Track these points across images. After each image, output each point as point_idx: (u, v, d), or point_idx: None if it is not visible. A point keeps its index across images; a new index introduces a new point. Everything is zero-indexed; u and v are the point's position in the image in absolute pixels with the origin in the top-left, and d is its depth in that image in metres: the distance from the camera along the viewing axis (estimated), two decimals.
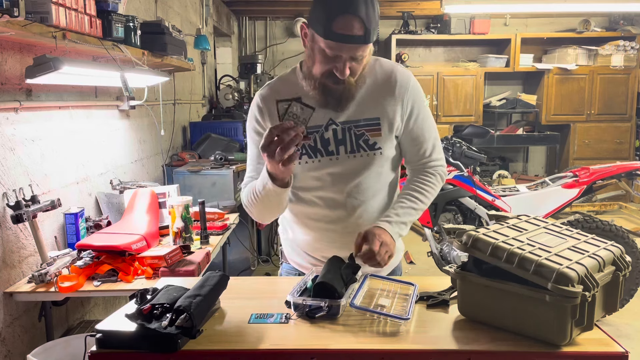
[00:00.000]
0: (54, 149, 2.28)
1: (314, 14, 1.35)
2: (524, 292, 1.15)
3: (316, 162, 1.49)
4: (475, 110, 6.51)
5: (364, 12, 1.30)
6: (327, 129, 1.47)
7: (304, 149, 1.48)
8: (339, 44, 1.31)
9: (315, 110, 1.32)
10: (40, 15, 1.77)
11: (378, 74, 1.50)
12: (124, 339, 1.17)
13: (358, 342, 1.18)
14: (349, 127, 1.47)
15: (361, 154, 1.48)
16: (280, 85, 1.53)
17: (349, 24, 1.29)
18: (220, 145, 4.16)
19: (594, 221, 3.37)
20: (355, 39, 1.31)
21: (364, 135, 1.47)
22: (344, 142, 1.47)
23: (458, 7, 5.55)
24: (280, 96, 1.38)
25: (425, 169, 1.57)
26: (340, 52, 1.33)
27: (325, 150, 1.48)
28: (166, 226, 2.43)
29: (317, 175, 1.50)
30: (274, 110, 1.34)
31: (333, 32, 1.30)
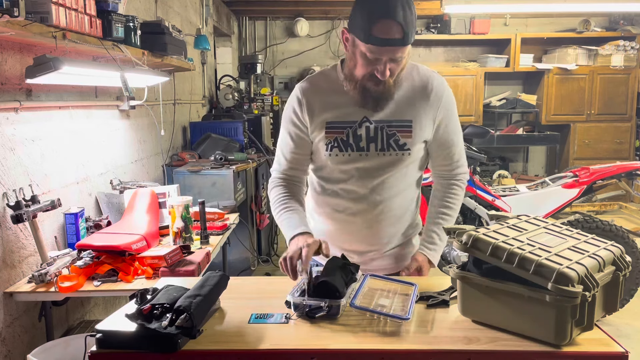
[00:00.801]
0: (54, 149, 2.28)
1: (354, 19, 1.41)
2: (524, 292, 1.15)
3: (346, 155, 1.55)
4: (475, 110, 6.51)
5: (401, 15, 1.35)
6: (361, 126, 1.54)
7: (335, 142, 1.54)
8: (379, 48, 1.38)
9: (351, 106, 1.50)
10: (40, 15, 1.77)
11: (415, 79, 1.57)
12: (124, 339, 1.17)
13: (358, 342, 1.18)
14: (381, 126, 1.53)
15: (390, 152, 1.54)
16: (321, 80, 1.61)
17: (388, 28, 1.35)
18: (220, 145, 4.16)
19: (594, 221, 3.37)
20: (395, 41, 1.37)
21: (395, 135, 1.53)
22: (375, 139, 1.53)
23: (458, 7, 5.55)
24: (319, 90, 1.56)
25: (451, 180, 1.67)
26: (381, 55, 1.40)
27: (356, 145, 1.54)
28: (166, 226, 2.43)
29: (345, 168, 1.57)
30: (313, 102, 1.54)
31: (373, 37, 1.36)
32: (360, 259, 1.62)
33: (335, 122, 1.54)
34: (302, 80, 1.63)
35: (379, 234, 1.61)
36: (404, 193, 1.62)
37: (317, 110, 1.56)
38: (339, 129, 1.54)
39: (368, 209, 1.58)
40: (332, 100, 1.55)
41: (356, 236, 1.62)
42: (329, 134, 1.55)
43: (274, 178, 1.68)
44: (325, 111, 1.55)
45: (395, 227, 1.63)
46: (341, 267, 1.40)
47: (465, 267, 1.28)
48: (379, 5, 1.36)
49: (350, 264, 1.44)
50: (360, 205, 1.58)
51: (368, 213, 1.59)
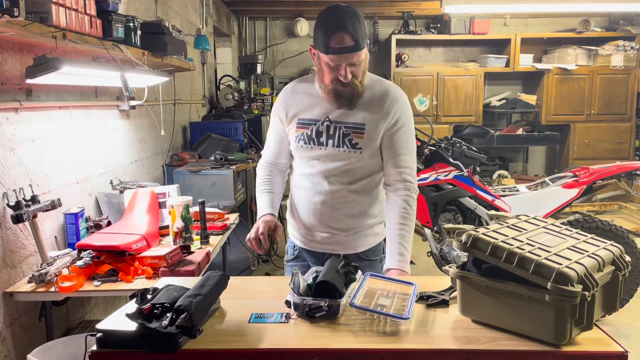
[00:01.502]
0: (54, 149, 2.28)
1: (316, 37, 1.69)
2: (523, 291, 1.15)
3: (309, 147, 1.82)
4: (475, 110, 6.51)
5: (351, 27, 1.63)
6: (323, 124, 1.79)
7: (302, 136, 1.82)
8: (338, 56, 1.65)
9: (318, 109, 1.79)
10: (41, 15, 1.77)
11: (376, 90, 1.80)
12: (125, 339, 1.17)
13: (358, 342, 1.19)
14: (339, 126, 1.78)
15: (344, 149, 1.78)
16: (301, 84, 1.90)
17: (342, 38, 1.63)
18: (220, 145, 4.16)
19: (593, 221, 3.36)
20: (349, 49, 1.64)
21: (350, 135, 1.78)
22: (333, 137, 1.79)
23: (458, 7, 5.55)
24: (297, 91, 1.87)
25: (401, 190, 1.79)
26: (340, 62, 1.66)
27: (317, 140, 1.80)
28: (166, 226, 2.43)
29: (309, 158, 1.84)
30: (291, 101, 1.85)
31: (331, 48, 1.64)
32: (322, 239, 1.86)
33: (305, 119, 1.82)
34: (289, 84, 1.93)
35: (337, 219, 1.83)
36: (359, 187, 1.82)
37: (293, 109, 1.85)
38: (306, 125, 1.81)
39: (328, 196, 1.81)
40: (305, 101, 1.83)
41: (320, 218, 1.84)
42: (299, 128, 1.83)
43: (261, 162, 2.00)
44: (299, 110, 1.83)
45: (352, 216, 1.84)
46: (341, 267, 1.40)
47: (465, 267, 1.28)
48: (333, 22, 1.64)
49: (349, 264, 1.45)
50: (322, 191, 1.82)
51: (327, 199, 1.82)
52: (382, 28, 6.87)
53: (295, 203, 1.93)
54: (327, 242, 1.86)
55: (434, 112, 6.47)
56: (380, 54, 6.89)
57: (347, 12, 1.66)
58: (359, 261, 1.82)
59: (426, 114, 6.32)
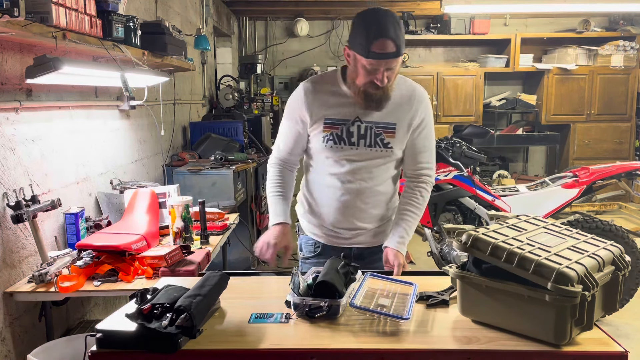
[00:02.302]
0: (54, 149, 2.28)
1: (355, 39, 1.69)
2: (523, 291, 1.15)
3: (339, 147, 1.82)
4: (475, 110, 6.51)
5: (393, 33, 1.64)
6: (353, 124, 1.81)
7: (331, 136, 1.82)
8: (378, 61, 1.66)
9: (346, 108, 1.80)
10: (41, 15, 1.77)
11: (402, 89, 1.84)
12: (124, 339, 1.17)
13: (358, 342, 1.19)
14: (370, 126, 1.81)
15: (376, 149, 1.82)
16: (322, 82, 1.87)
17: (384, 44, 1.63)
18: (220, 145, 4.16)
19: (593, 221, 3.36)
20: (390, 55, 1.65)
21: (381, 135, 1.81)
22: (365, 137, 1.81)
23: (458, 7, 5.55)
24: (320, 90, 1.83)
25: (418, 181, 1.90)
26: (379, 67, 1.68)
27: (348, 140, 1.82)
28: (166, 226, 2.43)
29: (337, 158, 1.84)
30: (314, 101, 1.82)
31: (372, 52, 1.64)
32: (349, 234, 1.89)
33: (333, 119, 1.81)
34: (306, 81, 1.89)
35: (365, 214, 1.88)
36: (386, 183, 1.89)
37: (317, 108, 1.83)
38: (335, 125, 1.81)
39: (357, 193, 1.84)
40: (331, 100, 1.82)
41: (347, 215, 1.87)
42: (326, 129, 1.82)
43: (272, 159, 1.99)
44: (324, 109, 1.82)
45: (377, 210, 1.90)
46: (341, 267, 1.40)
47: (465, 267, 1.28)
48: (375, 27, 1.64)
49: (349, 264, 1.45)
50: (351, 189, 1.84)
51: (357, 196, 1.85)
52: None
53: (317, 201, 1.92)
54: (353, 237, 1.89)
55: (434, 112, 6.43)
56: None
57: (389, 17, 1.66)
58: (379, 253, 1.87)
59: None
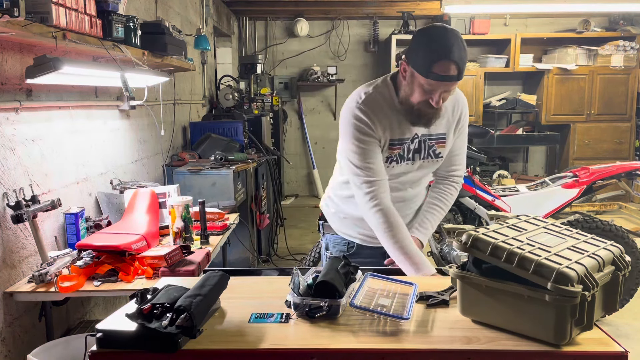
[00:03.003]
0: (54, 149, 2.28)
1: (415, 55, 1.61)
2: (523, 291, 1.15)
3: (399, 165, 1.82)
4: (475, 110, 6.51)
5: (458, 56, 1.56)
6: (413, 141, 1.79)
7: (394, 157, 1.79)
8: (438, 82, 1.59)
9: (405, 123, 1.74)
10: (41, 15, 1.77)
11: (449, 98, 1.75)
12: (124, 339, 1.17)
13: (358, 342, 1.19)
14: (424, 139, 1.81)
15: (429, 160, 1.84)
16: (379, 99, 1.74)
17: (447, 67, 1.56)
18: (220, 145, 4.16)
19: (593, 221, 3.36)
20: (451, 78, 1.59)
21: (434, 146, 1.83)
22: (420, 151, 1.82)
23: (458, 7, 5.55)
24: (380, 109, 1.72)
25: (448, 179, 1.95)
26: (438, 88, 1.61)
27: (407, 156, 1.82)
28: (166, 226, 2.43)
29: (392, 172, 1.83)
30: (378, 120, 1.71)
31: (433, 74, 1.57)
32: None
33: (396, 140, 1.76)
34: (361, 101, 1.72)
35: (406, 217, 1.92)
36: (424, 188, 1.98)
37: (383, 130, 1.74)
38: (398, 145, 1.78)
39: (404, 199, 1.88)
40: (391, 118, 1.75)
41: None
42: (391, 150, 1.77)
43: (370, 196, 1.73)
44: (388, 129, 1.74)
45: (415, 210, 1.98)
46: (341, 267, 1.40)
47: (465, 267, 1.28)
48: (441, 46, 1.56)
49: (349, 264, 1.45)
50: (398, 197, 1.85)
51: (403, 202, 1.88)
52: (382, 28, 6.87)
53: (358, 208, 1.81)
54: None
55: None
56: (380, 54, 6.89)
57: (456, 38, 1.57)
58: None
59: None
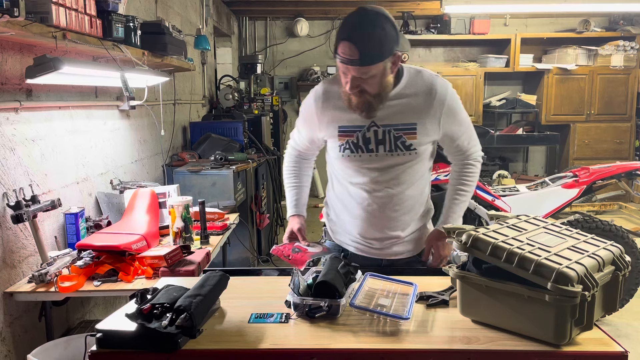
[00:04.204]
0: (54, 149, 2.28)
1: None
2: (523, 291, 1.15)
3: (357, 156, 1.70)
4: (475, 110, 6.51)
5: (359, 38, 1.47)
6: (369, 130, 1.67)
7: (347, 144, 1.69)
8: (342, 64, 1.53)
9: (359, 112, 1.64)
10: (41, 15, 1.77)
11: (419, 85, 1.68)
12: (124, 339, 1.17)
13: (358, 342, 1.19)
14: (388, 129, 1.66)
15: (398, 153, 1.68)
16: (335, 85, 1.72)
17: (346, 48, 1.49)
18: (220, 145, 4.16)
19: (593, 221, 3.36)
20: (352, 62, 1.50)
21: (402, 137, 1.67)
22: (384, 142, 1.67)
23: (458, 7, 5.55)
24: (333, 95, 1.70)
25: (464, 160, 1.83)
26: (346, 71, 1.54)
27: (366, 147, 1.68)
28: (166, 226, 2.43)
29: (358, 167, 1.72)
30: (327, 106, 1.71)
31: (338, 54, 1.53)
32: (381, 244, 1.77)
33: (347, 126, 1.68)
34: (320, 83, 1.78)
35: (396, 222, 1.75)
36: (416, 185, 1.76)
37: (330, 116, 1.71)
38: (350, 132, 1.68)
39: (385, 201, 1.71)
40: (343, 106, 1.67)
41: (376, 225, 1.74)
42: (341, 137, 1.69)
43: (289, 147, 1.96)
44: (338, 115, 1.69)
45: (409, 215, 1.77)
46: (341, 267, 1.40)
47: (465, 267, 1.28)
48: (347, 27, 1.50)
49: (349, 264, 1.45)
50: (377, 197, 1.71)
51: (385, 205, 1.72)
52: None
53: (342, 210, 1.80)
54: (387, 248, 1.77)
55: None
56: None
57: (367, 19, 1.48)
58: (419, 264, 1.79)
59: None
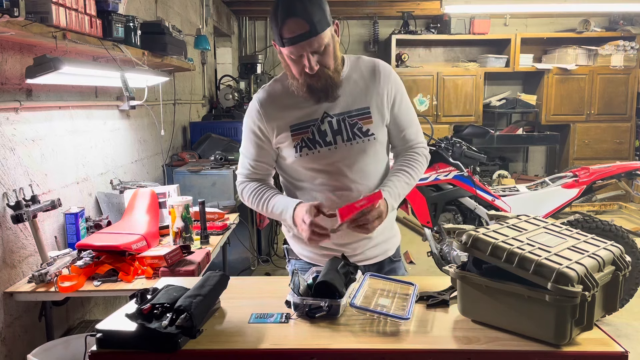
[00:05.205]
0: (54, 149, 2.28)
1: (272, 30, 1.49)
2: (523, 292, 1.15)
3: (316, 152, 1.57)
4: (475, 110, 6.51)
5: (301, 9, 1.41)
6: (323, 122, 1.58)
7: (303, 142, 1.57)
8: (295, 46, 1.44)
9: (309, 106, 1.55)
10: (41, 15, 1.77)
11: (362, 68, 1.63)
12: (124, 339, 1.17)
13: (358, 342, 1.19)
14: (342, 117, 1.58)
15: (357, 141, 1.58)
16: (276, 87, 1.64)
17: (293, 26, 1.42)
18: (220, 145, 4.16)
19: (593, 221, 3.36)
20: (304, 36, 1.42)
21: (358, 124, 1.58)
22: (340, 132, 1.57)
23: (458, 7, 5.55)
24: (276, 97, 1.60)
25: (411, 150, 1.70)
26: (299, 52, 1.45)
27: (323, 141, 1.57)
28: (166, 226, 2.43)
29: (319, 166, 1.59)
30: (272, 111, 1.59)
31: (285, 39, 1.44)
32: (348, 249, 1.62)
33: (298, 124, 1.58)
34: (258, 91, 1.67)
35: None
36: (380, 177, 1.65)
37: (278, 117, 1.59)
38: (303, 129, 1.58)
39: (350, 199, 1.53)
40: (290, 103, 1.59)
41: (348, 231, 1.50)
42: (295, 136, 1.58)
43: (241, 181, 1.72)
44: (286, 116, 1.59)
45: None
46: (341, 267, 1.40)
47: (465, 267, 1.28)
48: (282, 9, 1.42)
49: (349, 264, 1.44)
50: (341, 197, 1.58)
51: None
52: (382, 28, 6.86)
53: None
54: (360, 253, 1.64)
55: (434, 112, 6.48)
56: (380, 54, 6.89)
57: None
58: (390, 264, 1.69)
59: (426, 114, 6.32)
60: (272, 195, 1.63)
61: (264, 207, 1.63)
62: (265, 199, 1.63)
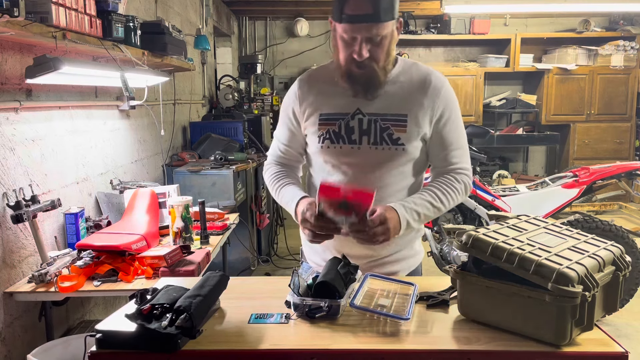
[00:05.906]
0: (54, 149, 2.28)
1: (334, 4, 1.40)
2: (523, 292, 1.15)
3: (337, 148, 1.50)
4: (475, 110, 6.51)
5: None
6: (354, 118, 1.49)
7: (327, 134, 1.50)
8: (352, 25, 1.36)
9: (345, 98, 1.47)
10: (40, 15, 1.77)
11: (414, 74, 1.53)
12: (124, 339, 1.17)
13: (358, 342, 1.18)
14: (375, 119, 1.48)
15: (383, 147, 1.48)
16: (320, 72, 1.60)
17: (358, 3, 1.34)
18: (220, 145, 4.16)
19: (594, 221, 3.36)
20: (365, 17, 1.35)
21: (389, 129, 1.48)
22: (368, 132, 1.48)
23: (458, 7, 5.55)
24: (316, 82, 1.55)
25: (451, 173, 1.56)
26: (355, 34, 1.38)
27: (348, 138, 1.49)
28: (166, 226, 2.43)
29: (339, 162, 1.52)
30: (309, 95, 1.54)
31: (345, 15, 1.36)
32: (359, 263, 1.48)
33: (329, 114, 1.51)
34: (304, 73, 1.64)
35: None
36: (402, 193, 1.54)
37: (312, 103, 1.54)
38: (331, 120, 1.50)
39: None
40: (328, 90, 1.53)
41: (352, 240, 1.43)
42: (322, 126, 1.51)
43: (269, 161, 1.70)
44: (320, 103, 1.53)
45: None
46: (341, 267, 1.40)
47: (465, 267, 1.28)
48: None
49: (350, 264, 1.44)
50: None
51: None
52: None
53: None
54: (366, 269, 1.54)
55: None
56: None
57: None
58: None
59: None
60: (286, 183, 1.58)
61: (277, 194, 1.60)
62: (279, 186, 1.59)
